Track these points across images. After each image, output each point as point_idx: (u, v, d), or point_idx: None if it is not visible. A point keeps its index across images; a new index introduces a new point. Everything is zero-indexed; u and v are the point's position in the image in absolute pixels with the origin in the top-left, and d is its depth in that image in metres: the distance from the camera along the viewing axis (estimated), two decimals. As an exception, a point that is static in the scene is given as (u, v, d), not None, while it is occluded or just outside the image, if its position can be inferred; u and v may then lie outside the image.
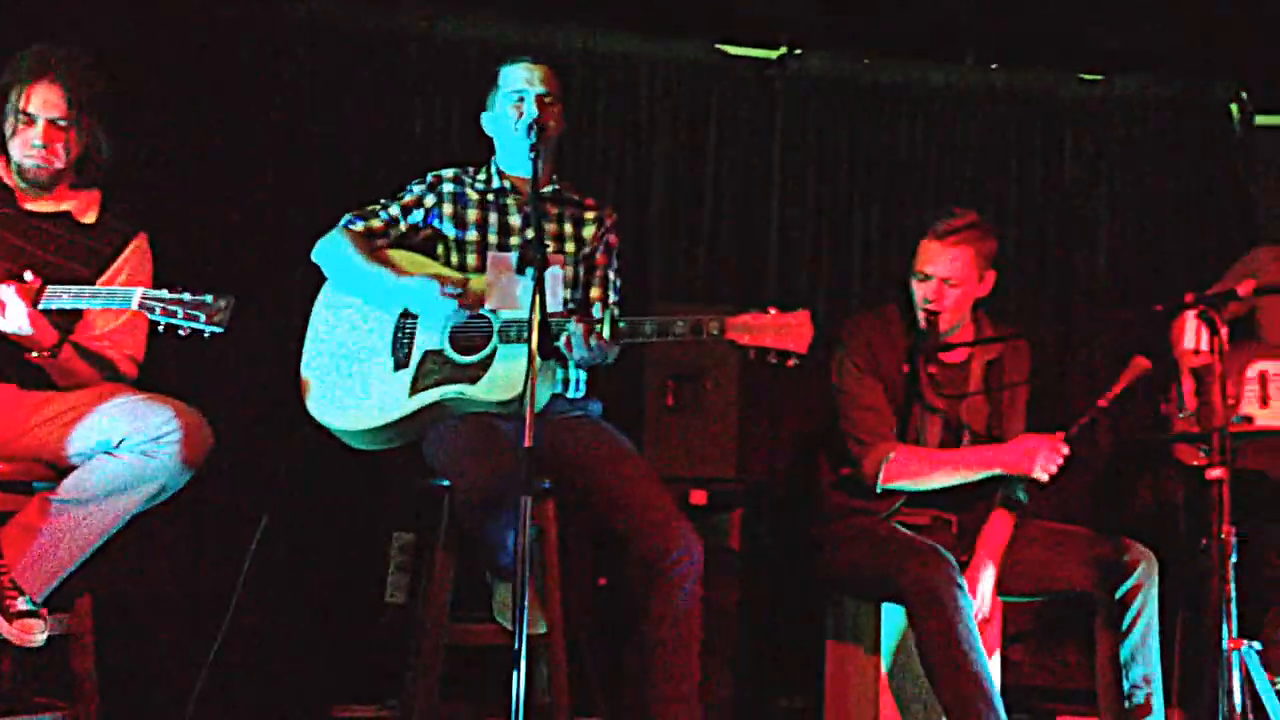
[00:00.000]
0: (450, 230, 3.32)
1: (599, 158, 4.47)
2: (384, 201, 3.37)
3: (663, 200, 4.51)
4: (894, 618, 3.41)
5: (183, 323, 2.85)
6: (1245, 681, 2.69)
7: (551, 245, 3.33)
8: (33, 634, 2.73)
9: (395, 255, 3.31)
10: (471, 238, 3.31)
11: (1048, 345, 4.51)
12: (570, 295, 3.31)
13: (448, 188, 3.36)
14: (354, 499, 3.90)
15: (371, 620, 3.75)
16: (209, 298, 2.86)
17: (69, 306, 2.93)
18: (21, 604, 2.74)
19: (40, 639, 2.74)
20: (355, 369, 3.21)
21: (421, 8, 4.36)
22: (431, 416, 3.14)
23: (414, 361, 3.18)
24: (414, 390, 3.15)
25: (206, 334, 2.86)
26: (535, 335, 2.61)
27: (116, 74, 3.15)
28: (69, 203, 3.13)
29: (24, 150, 3.03)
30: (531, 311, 2.63)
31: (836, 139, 4.66)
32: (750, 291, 4.45)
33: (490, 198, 3.36)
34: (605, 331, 2.97)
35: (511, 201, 3.36)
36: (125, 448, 2.85)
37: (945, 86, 4.73)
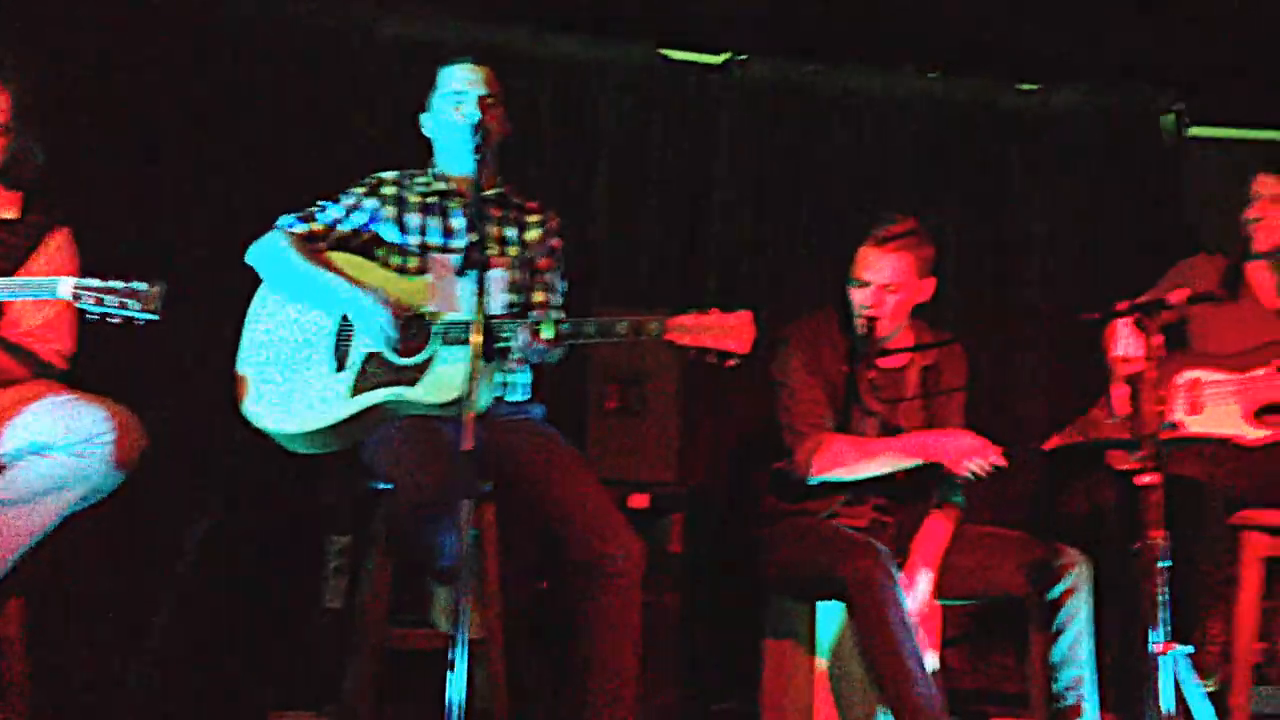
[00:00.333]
0: (392, 233, 3.30)
1: (542, 160, 4.46)
2: (323, 204, 3.33)
3: (605, 203, 4.51)
4: (830, 617, 3.43)
5: (115, 311, 2.81)
6: (1175, 685, 2.73)
7: (494, 248, 3.33)
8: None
9: (335, 259, 3.27)
10: (413, 241, 3.29)
11: (985, 351, 4.55)
12: (513, 298, 3.31)
13: (389, 190, 3.34)
14: (290, 502, 3.86)
15: (308, 624, 3.72)
16: (141, 285, 2.82)
17: None
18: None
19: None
20: (293, 370, 3.18)
21: (363, 7, 4.32)
22: (371, 419, 3.11)
23: (353, 363, 3.15)
24: (353, 392, 3.12)
25: (140, 322, 2.83)
26: (477, 337, 2.61)
27: (52, 68, 3.10)
28: None
29: None
30: (473, 314, 2.63)
31: (778, 144, 4.69)
32: (692, 295, 4.46)
33: (432, 200, 3.34)
34: (548, 333, 2.97)
35: (454, 204, 3.35)
36: (56, 448, 2.81)
37: (886, 94, 4.77)
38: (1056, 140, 4.85)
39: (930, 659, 3.38)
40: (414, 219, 3.31)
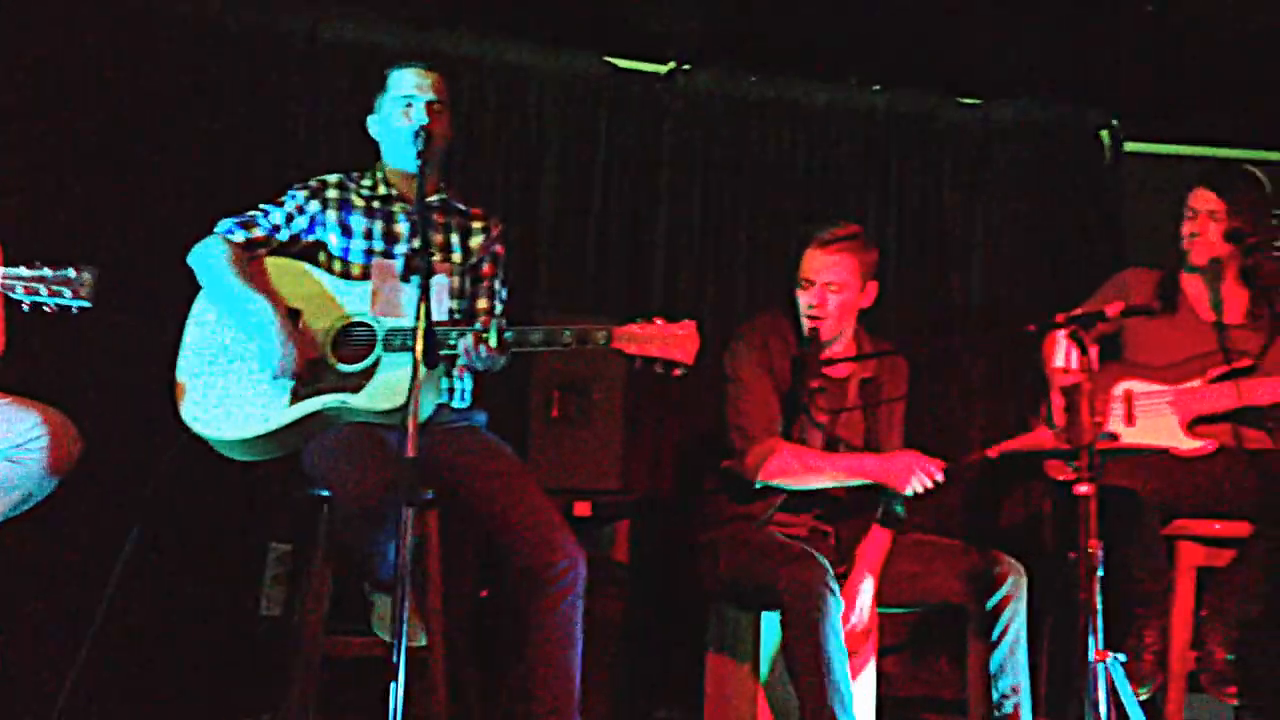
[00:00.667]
0: (335, 237, 3.27)
1: (487, 167, 4.45)
2: (265, 208, 3.29)
3: (550, 210, 4.50)
4: (773, 628, 3.44)
5: (48, 300, 2.77)
6: (1110, 692, 2.76)
7: (438, 254, 3.31)
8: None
9: (275, 267, 3.23)
10: (356, 245, 3.26)
11: (923, 362, 4.59)
12: (456, 305, 3.29)
13: (332, 194, 3.31)
14: (229, 508, 3.81)
15: (247, 633, 3.67)
16: (71, 272, 2.79)
17: None
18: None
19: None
20: (233, 375, 3.14)
21: (306, 10, 4.29)
22: (312, 426, 3.08)
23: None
24: (294, 399, 3.09)
25: (74, 310, 2.79)
26: (420, 344, 2.59)
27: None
28: None
29: None
30: (416, 320, 2.61)
31: (723, 154, 4.70)
32: (636, 302, 4.47)
33: (376, 204, 3.32)
34: (492, 340, 2.96)
35: (398, 209, 3.32)
36: (-11, 453, 2.77)
37: (829, 106, 4.80)
38: (996, 154, 4.91)
39: (868, 674, 3.41)
40: (358, 223, 3.28)
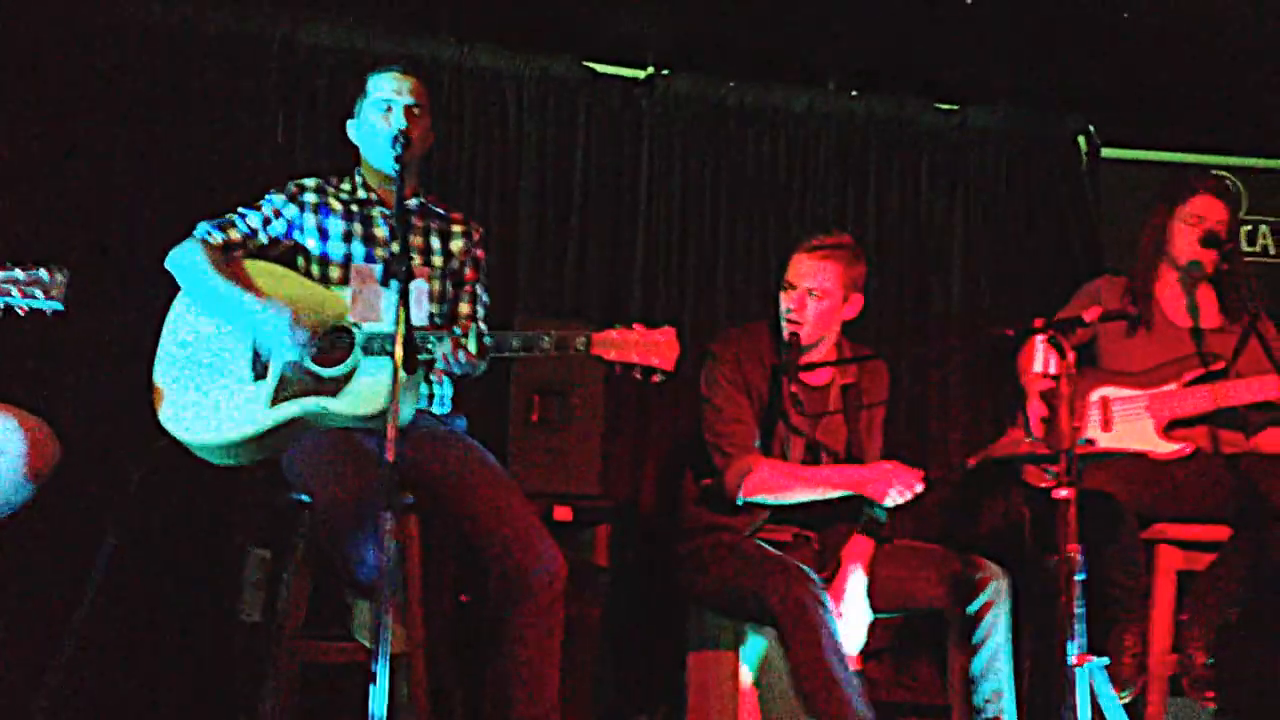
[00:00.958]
0: (313, 242, 3.25)
1: (465, 171, 4.43)
2: (243, 211, 3.27)
3: (529, 215, 4.49)
4: (755, 632, 3.44)
5: (20, 301, 2.74)
6: (1091, 696, 2.77)
7: (418, 258, 3.30)
8: None
9: (253, 269, 3.21)
10: (335, 249, 3.25)
11: (901, 367, 4.61)
12: (437, 309, 3.28)
13: (310, 198, 3.29)
14: (208, 513, 3.79)
15: (226, 638, 3.65)
16: (43, 273, 2.76)
17: None
18: None
19: None
20: (211, 380, 3.12)
21: (283, 14, 4.27)
22: (291, 431, 3.06)
23: (273, 373, 3.10)
24: (274, 402, 3.07)
25: (48, 312, 2.77)
26: (399, 349, 2.58)
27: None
28: None
29: None
30: (396, 325, 2.60)
31: (702, 159, 4.71)
32: (615, 307, 4.47)
33: (355, 208, 3.30)
34: (471, 346, 2.95)
35: (377, 213, 3.31)
36: (-38, 460, 2.73)
37: (808, 111, 4.81)
38: (973, 160, 4.93)
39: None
40: (336, 227, 3.27)
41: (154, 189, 4.02)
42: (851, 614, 3.33)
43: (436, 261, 3.34)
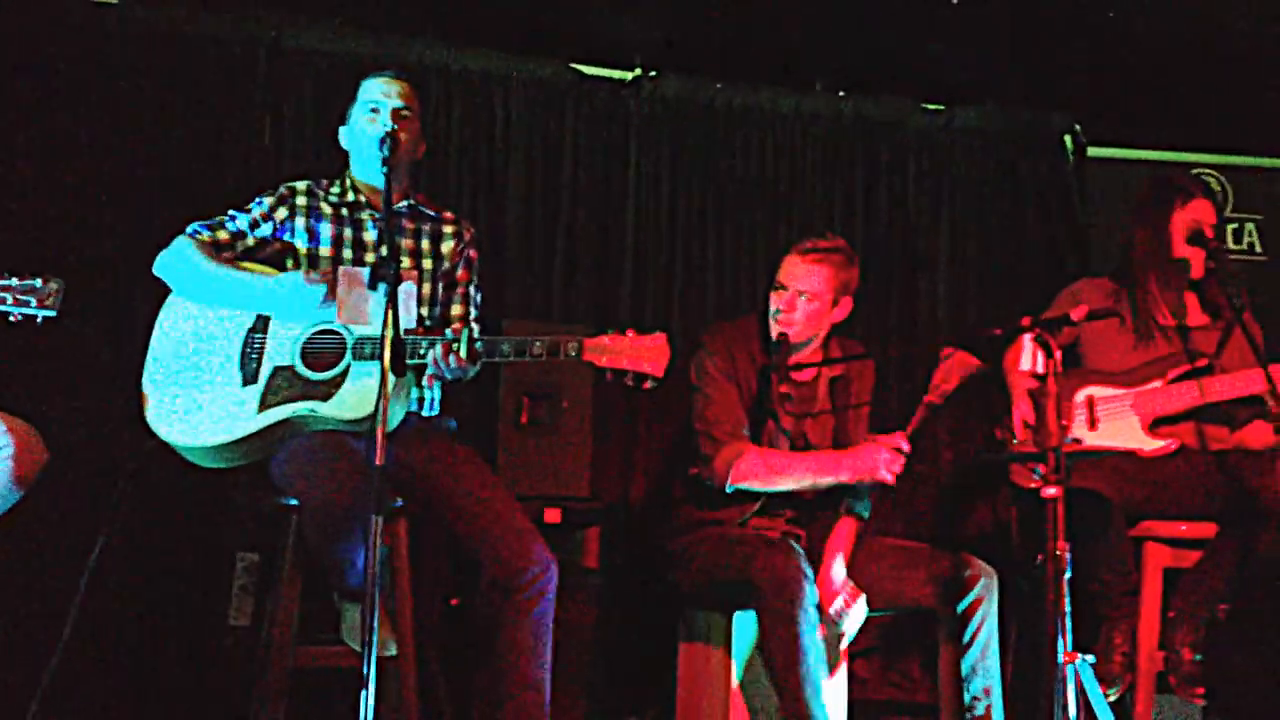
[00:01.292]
0: (302, 243, 3.25)
1: (452, 174, 4.43)
2: (232, 213, 3.27)
3: (517, 217, 4.49)
4: (746, 630, 3.45)
5: (12, 309, 2.75)
6: (1079, 693, 2.78)
7: (408, 261, 3.30)
8: None
9: (245, 265, 3.22)
10: (324, 252, 3.25)
11: (888, 366, 4.62)
12: (427, 312, 3.28)
13: (301, 200, 3.29)
14: (197, 518, 3.78)
15: (215, 643, 3.64)
16: (37, 281, 2.77)
17: None
18: None
19: None
20: (200, 383, 3.12)
21: (271, 17, 4.27)
22: (280, 434, 3.06)
23: (263, 377, 3.10)
24: (262, 407, 3.07)
25: (40, 319, 2.77)
26: (388, 352, 2.58)
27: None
28: None
29: None
30: (384, 328, 2.60)
31: (690, 161, 4.71)
32: (604, 310, 4.47)
33: (344, 211, 3.30)
34: (463, 351, 2.95)
35: (366, 216, 3.31)
36: (-49, 464, 2.73)
37: (795, 112, 4.82)
38: (960, 159, 4.93)
39: (839, 678, 3.42)
40: (326, 230, 3.27)
41: (142, 193, 4.01)
42: (842, 590, 3.33)
43: (427, 264, 3.34)
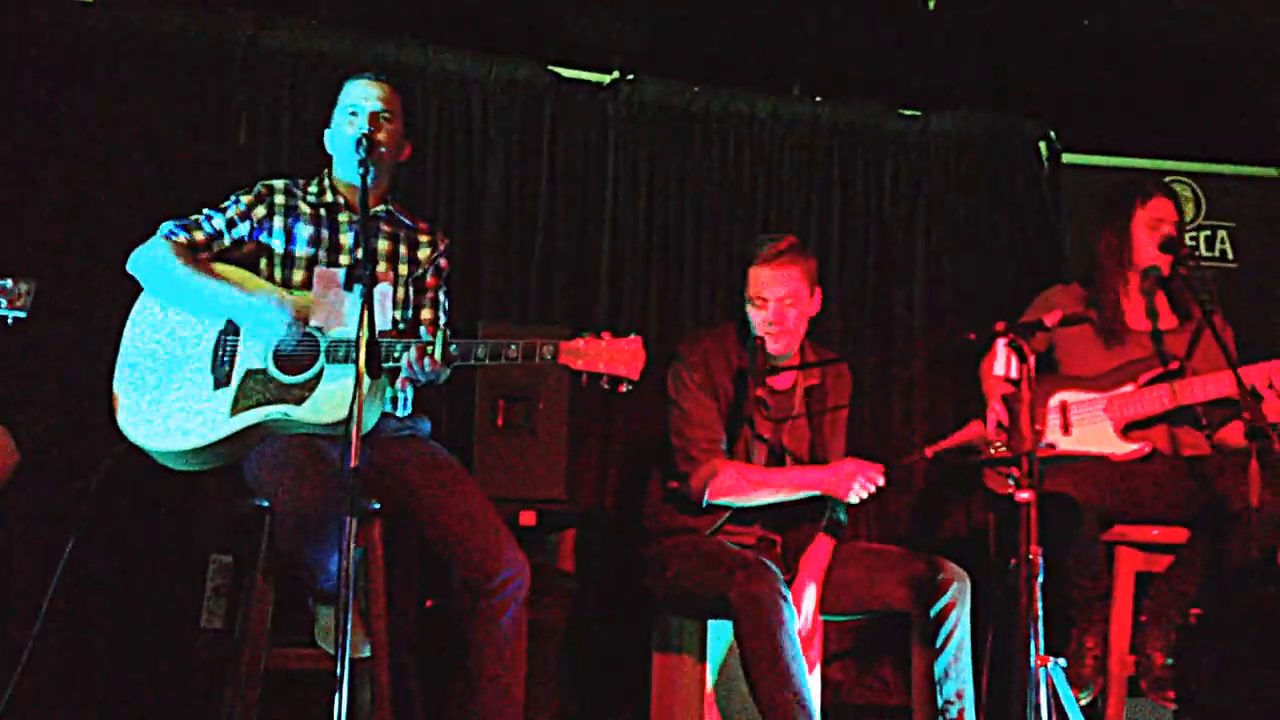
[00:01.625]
0: (279, 243, 3.23)
1: (430, 175, 4.42)
2: (208, 212, 3.25)
3: (494, 219, 4.48)
4: (720, 634, 3.45)
5: None
6: (1051, 696, 2.79)
7: (384, 264, 3.29)
8: None
9: (220, 268, 3.20)
10: (300, 252, 3.23)
11: (865, 371, 4.63)
12: (400, 315, 3.27)
13: (279, 199, 3.27)
14: (169, 520, 3.76)
15: (188, 646, 3.62)
16: (8, 282, 2.77)
17: None
18: None
19: None
20: (172, 386, 3.10)
21: (247, 16, 4.25)
22: (253, 438, 3.05)
23: (235, 380, 3.08)
24: (235, 410, 3.05)
25: (9, 320, 2.76)
26: (363, 355, 2.57)
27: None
28: None
29: None
30: (360, 330, 2.59)
31: (668, 164, 4.71)
32: (580, 313, 4.47)
33: (322, 212, 3.29)
34: (437, 354, 2.94)
35: (343, 217, 3.30)
36: (-79, 466, 2.72)
37: (772, 116, 4.83)
38: (936, 164, 4.95)
39: (813, 681, 3.42)
40: (303, 230, 3.25)
41: (116, 192, 3.98)
42: (801, 626, 3.35)
43: (403, 269, 3.33)
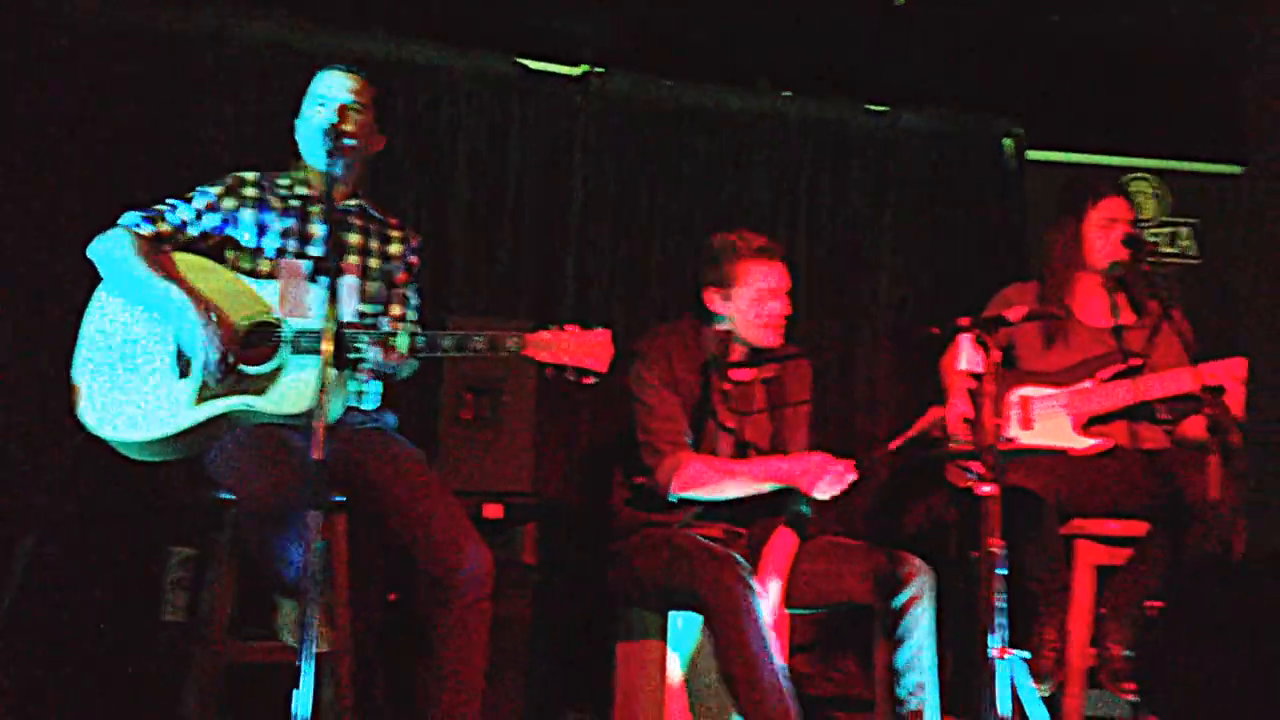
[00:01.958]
0: (248, 235, 3.20)
1: (398, 168, 4.41)
2: (173, 203, 3.21)
3: (462, 212, 4.48)
4: (685, 621, 3.45)
5: None
6: (1012, 689, 2.81)
7: (355, 258, 3.27)
8: None
9: (182, 263, 3.15)
10: (268, 244, 3.20)
11: (829, 365, 4.65)
12: (369, 309, 3.26)
13: (250, 191, 3.24)
14: (130, 511, 3.74)
15: (149, 638, 3.60)
16: None
17: None
18: None
19: None
20: (134, 376, 3.07)
21: (216, 8, 4.22)
22: (216, 428, 3.03)
23: (197, 370, 3.06)
24: (197, 400, 3.03)
25: None
26: (328, 346, 2.56)
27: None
28: None
29: None
30: (324, 321, 2.58)
31: (635, 157, 4.72)
32: (548, 306, 4.47)
33: (293, 204, 3.27)
34: (403, 346, 2.93)
35: (314, 209, 3.28)
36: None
37: (741, 111, 4.84)
38: (903, 160, 4.98)
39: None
40: (273, 222, 3.22)
41: (80, 184, 3.95)
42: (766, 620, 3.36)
43: (373, 263, 3.31)
